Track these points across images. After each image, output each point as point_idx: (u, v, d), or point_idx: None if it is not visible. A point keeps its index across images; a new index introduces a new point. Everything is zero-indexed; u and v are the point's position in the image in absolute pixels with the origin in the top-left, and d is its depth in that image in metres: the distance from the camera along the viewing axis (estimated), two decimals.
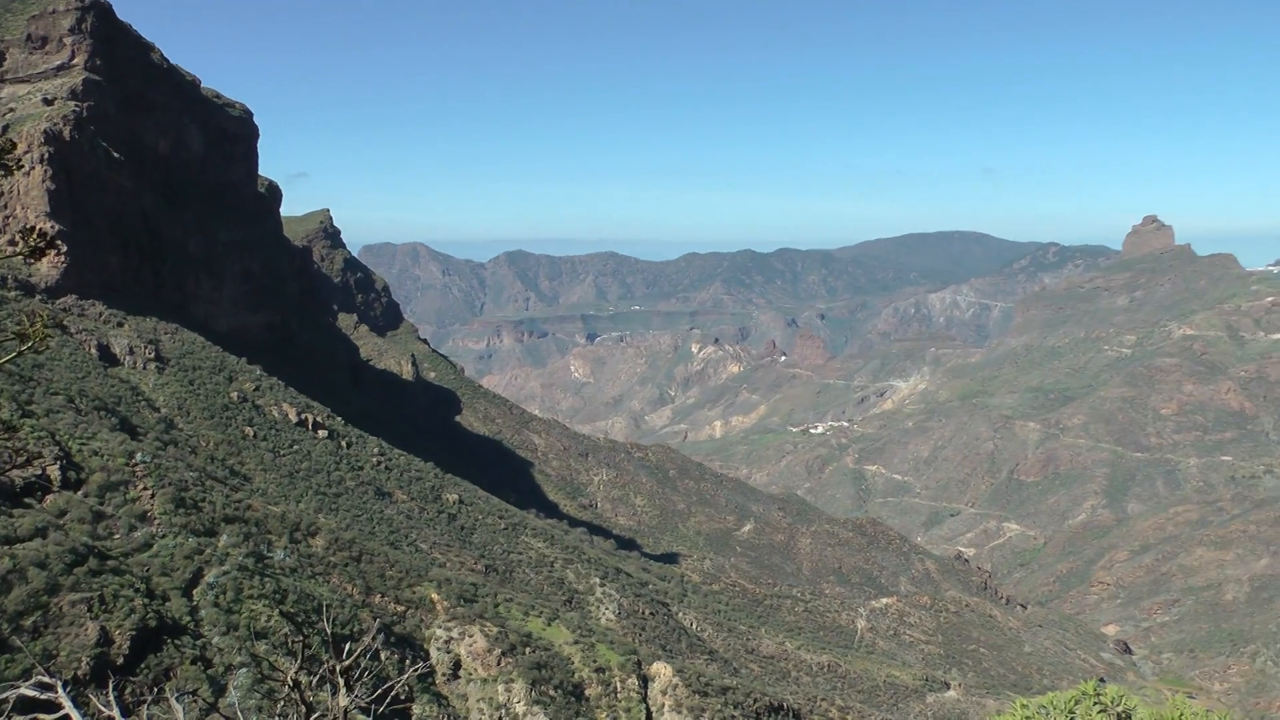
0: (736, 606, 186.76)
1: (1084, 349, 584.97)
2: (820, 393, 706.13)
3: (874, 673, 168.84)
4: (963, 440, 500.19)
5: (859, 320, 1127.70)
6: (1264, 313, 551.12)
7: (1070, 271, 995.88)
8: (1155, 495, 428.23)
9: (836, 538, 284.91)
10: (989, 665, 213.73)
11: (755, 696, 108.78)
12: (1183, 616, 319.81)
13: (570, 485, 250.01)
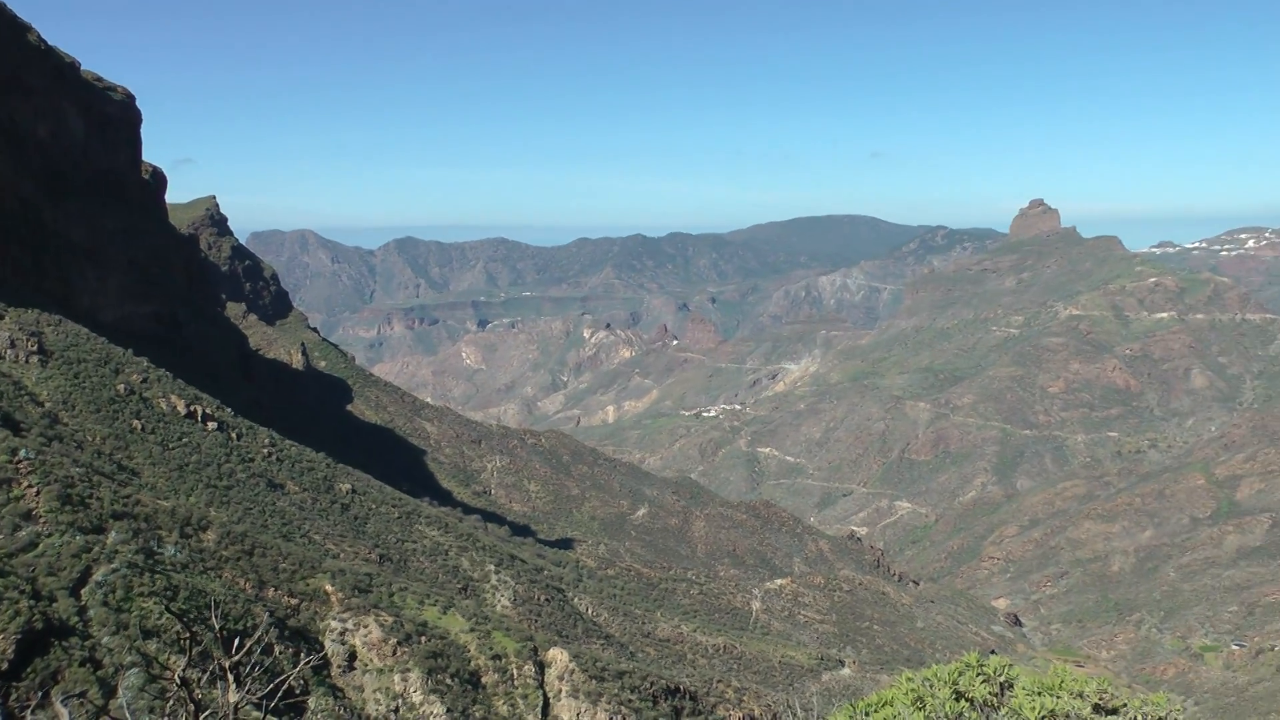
0: (632, 591, 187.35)
1: (973, 330, 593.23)
2: (712, 376, 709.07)
3: (769, 653, 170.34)
4: (854, 421, 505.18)
5: (750, 304, 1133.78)
6: (1147, 293, 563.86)
7: (959, 254, 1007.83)
8: (1044, 471, 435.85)
9: (730, 520, 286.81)
10: (883, 642, 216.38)
11: (652, 680, 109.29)
12: (1071, 588, 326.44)
13: (464, 472, 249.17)
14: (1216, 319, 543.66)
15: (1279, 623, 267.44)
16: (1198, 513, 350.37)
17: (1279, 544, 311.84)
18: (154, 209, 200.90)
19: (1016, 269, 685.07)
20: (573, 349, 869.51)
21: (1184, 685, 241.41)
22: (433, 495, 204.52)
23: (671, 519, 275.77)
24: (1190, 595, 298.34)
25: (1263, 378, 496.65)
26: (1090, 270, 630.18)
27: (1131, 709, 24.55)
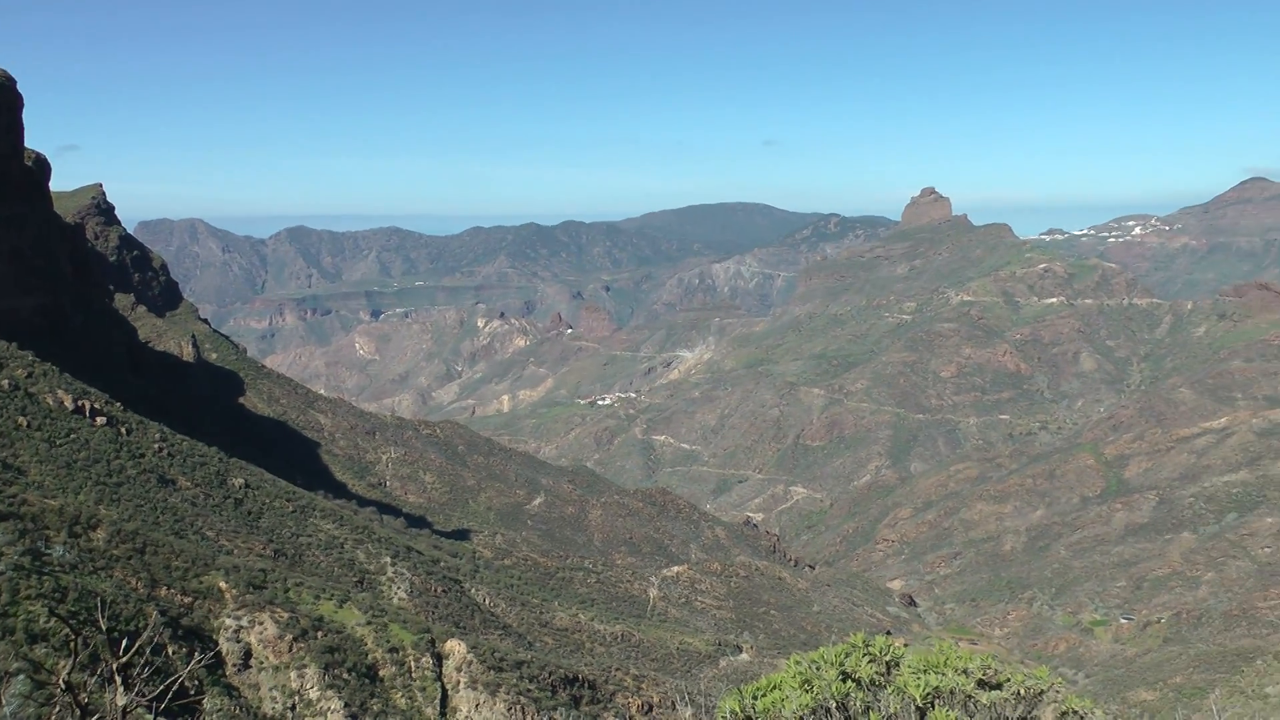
0: (529, 580, 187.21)
1: (866, 316, 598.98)
2: (607, 364, 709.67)
3: (667, 640, 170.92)
4: (749, 408, 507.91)
5: (644, 291, 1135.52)
6: (1037, 279, 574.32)
7: (851, 241, 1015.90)
8: (937, 454, 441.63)
9: (627, 508, 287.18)
10: (780, 626, 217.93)
11: (550, 669, 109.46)
12: (964, 568, 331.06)
13: (358, 464, 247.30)
14: (1104, 304, 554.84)
15: (1165, 596, 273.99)
16: (1087, 492, 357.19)
17: (1166, 520, 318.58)
18: (37, 197, 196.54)
19: (909, 256, 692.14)
20: (467, 338, 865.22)
21: (1074, 659, 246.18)
22: (327, 488, 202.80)
23: (568, 508, 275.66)
24: (1080, 572, 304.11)
25: (1149, 360, 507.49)
26: (981, 257, 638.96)
27: (1014, 683, 25.00)
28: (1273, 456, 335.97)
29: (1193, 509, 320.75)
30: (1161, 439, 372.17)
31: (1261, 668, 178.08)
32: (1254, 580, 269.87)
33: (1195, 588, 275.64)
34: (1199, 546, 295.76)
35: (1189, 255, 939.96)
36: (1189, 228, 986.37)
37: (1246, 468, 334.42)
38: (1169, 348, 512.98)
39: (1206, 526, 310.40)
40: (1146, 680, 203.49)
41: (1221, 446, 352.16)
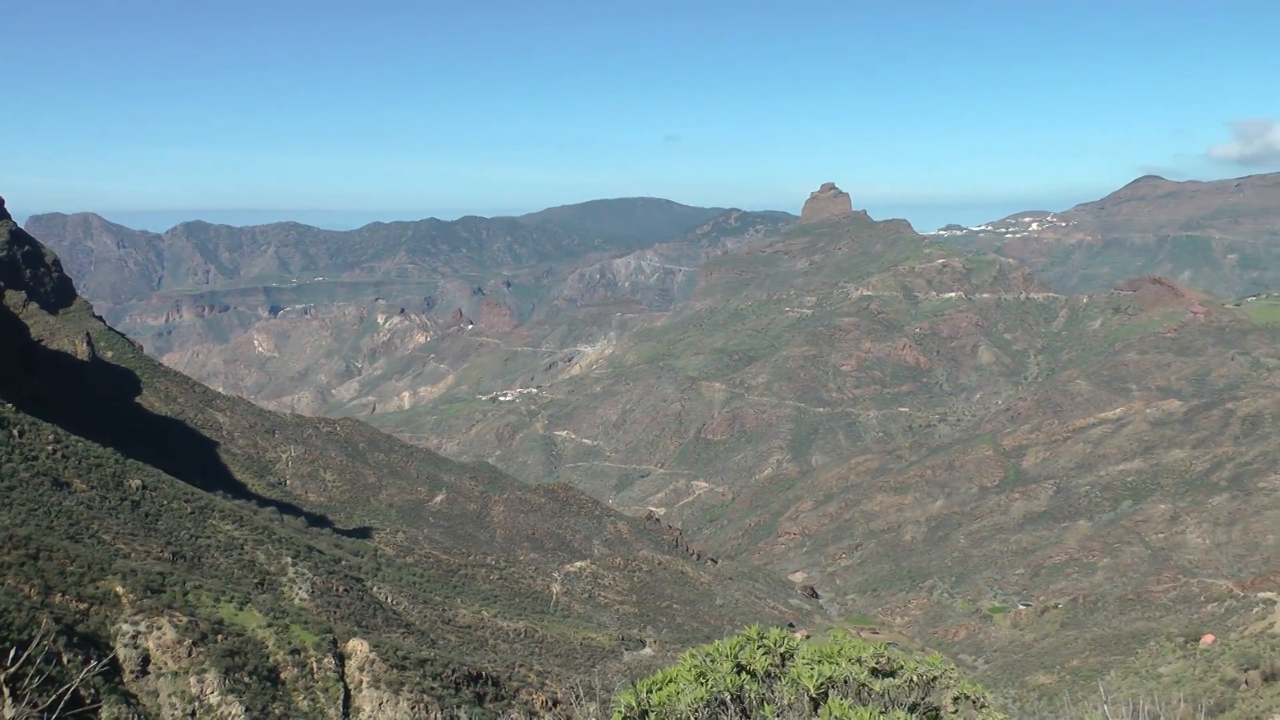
0: (431, 578, 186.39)
1: (766, 310, 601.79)
2: (508, 360, 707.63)
3: (570, 636, 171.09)
4: (650, 402, 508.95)
5: (545, 287, 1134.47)
6: (935, 274, 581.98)
7: (752, 236, 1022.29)
8: (837, 447, 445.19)
9: (529, 504, 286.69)
10: (683, 620, 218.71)
11: (454, 666, 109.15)
12: (866, 559, 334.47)
13: (258, 464, 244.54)
14: (1002, 298, 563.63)
15: (1063, 582, 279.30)
16: (986, 482, 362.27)
17: (1063, 509, 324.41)
18: None
19: (809, 251, 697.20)
20: (367, 335, 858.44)
21: (974, 645, 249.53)
22: (226, 488, 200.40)
23: (470, 504, 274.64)
24: (979, 560, 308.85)
25: (1045, 353, 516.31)
26: (881, 252, 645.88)
27: (907, 670, 25.27)
28: (1166, 445, 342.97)
29: (1089, 497, 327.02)
30: (1058, 429, 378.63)
31: (1155, 648, 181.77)
32: (1148, 565, 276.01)
33: (1091, 573, 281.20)
34: (1095, 534, 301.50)
35: (1084, 251, 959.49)
36: (1084, 224, 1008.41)
37: (1140, 456, 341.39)
38: (1065, 341, 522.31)
39: (1102, 514, 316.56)
40: (1044, 664, 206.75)
41: (1117, 436, 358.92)
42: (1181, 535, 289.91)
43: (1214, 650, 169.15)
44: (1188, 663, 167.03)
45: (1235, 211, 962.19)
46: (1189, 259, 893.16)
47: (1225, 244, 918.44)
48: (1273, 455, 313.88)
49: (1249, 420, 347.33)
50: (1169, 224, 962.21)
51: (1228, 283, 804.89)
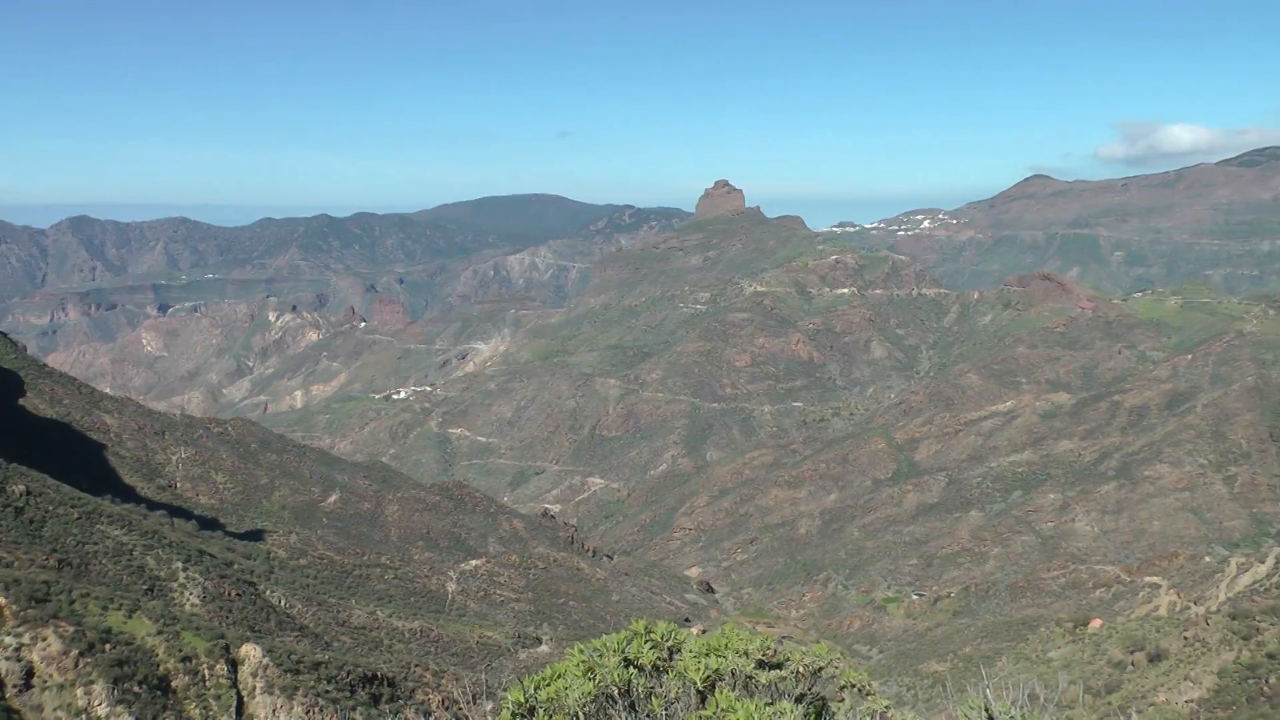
0: (325, 579, 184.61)
1: (660, 307, 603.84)
2: (401, 358, 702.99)
3: (467, 634, 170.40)
4: (545, 399, 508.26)
5: (438, 284, 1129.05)
6: (828, 270, 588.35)
7: (646, 233, 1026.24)
8: (732, 442, 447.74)
9: (424, 503, 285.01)
10: (579, 617, 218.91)
11: (349, 669, 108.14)
12: (761, 553, 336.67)
13: (147, 466, 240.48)
14: (894, 294, 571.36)
15: (955, 572, 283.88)
16: (879, 475, 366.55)
17: (955, 500, 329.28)
18: None
19: (703, 247, 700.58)
20: (258, 333, 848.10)
21: (869, 636, 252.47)
22: (114, 492, 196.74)
23: (364, 504, 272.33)
24: (873, 552, 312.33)
25: (937, 348, 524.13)
26: (774, 248, 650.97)
27: (794, 662, 25.43)
28: (1055, 437, 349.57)
29: (980, 488, 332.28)
30: (950, 422, 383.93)
31: (1045, 634, 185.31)
32: (1038, 553, 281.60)
33: (983, 562, 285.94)
34: (986, 524, 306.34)
35: (975, 248, 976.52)
36: (975, 221, 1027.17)
37: (1031, 448, 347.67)
38: (957, 336, 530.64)
39: (993, 504, 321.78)
40: (937, 652, 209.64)
41: (1007, 428, 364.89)
42: (1071, 524, 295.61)
43: (1102, 634, 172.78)
44: (1076, 647, 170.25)
45: (1122, 210, 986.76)
46: (1077, 256, 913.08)
47: (1112, 241, 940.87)
48: (1158, 445, 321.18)
49: (1135, 411, 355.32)
50: (1058, 222, 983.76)
51: (1115, 279, 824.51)
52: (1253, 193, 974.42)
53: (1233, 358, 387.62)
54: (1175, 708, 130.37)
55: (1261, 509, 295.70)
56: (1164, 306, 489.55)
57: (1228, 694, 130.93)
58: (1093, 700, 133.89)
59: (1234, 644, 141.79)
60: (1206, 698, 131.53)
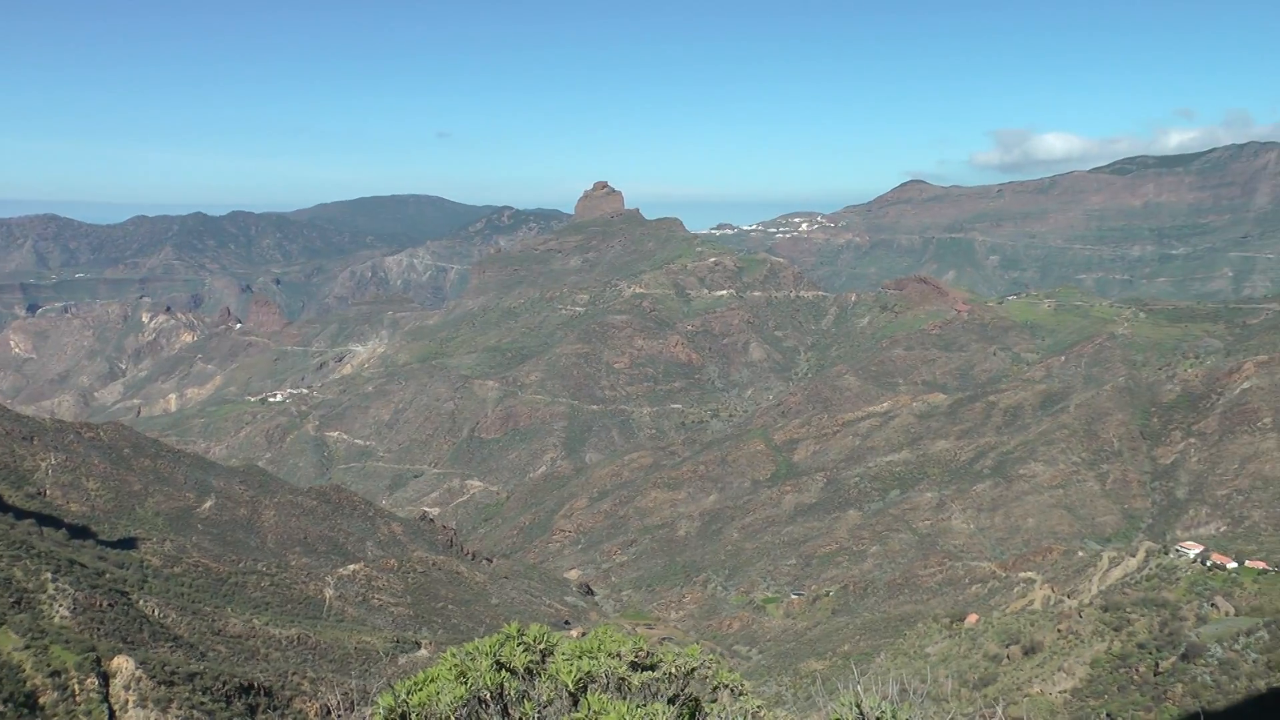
0: (200, 588, 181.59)
1: (539, 308, 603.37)
2: (278, 360, 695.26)
3: (345, 640, 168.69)
4: (423, 402, 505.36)
5: (316, 285, 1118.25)
6: (707, 272, 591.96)
7: (525, 234, 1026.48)
8: (611, 444, 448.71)
9: (300, 507, 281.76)
10: (458, 621, 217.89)
11: (224, 679, 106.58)
12: (640, 554, 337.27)
13: (14, 473, 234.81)
14: (772, 296, 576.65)
15: (834, 570, 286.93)
16: (758, 476, 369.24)
17: (833, 500, 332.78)
18: None
19: (582, 249, 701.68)
20: (131, 334, 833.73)
21: (749, 636, 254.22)
22: None
23: (240, 509, 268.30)
24: (753, 552, 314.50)
25: (815, 349, 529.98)
26: (653, 250, 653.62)
27: (667, 663, 25.45)
28: (931, 437, 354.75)
29: (858, 488, 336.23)
30: (828, 423, 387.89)
31: (922, 630, 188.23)
32: (915, 551, 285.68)
33: (861, 561, 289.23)
34: (864, 523, 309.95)
35: (853, 251, 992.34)
36: (853, 225, 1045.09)
37: (908, 448, 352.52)
38: (834, 337, 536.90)
39: (871, 504, 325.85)
40: (817, 651, 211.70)
41: (884, 429, 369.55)
42: (947, 521, 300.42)
43: (978, 628, 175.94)
44: (953, 642, 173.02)
45: (997, 215, 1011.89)
46: (953, 259, 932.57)
47: (987, 245, 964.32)
48: (1033, 444, 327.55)
49: (1010, 411, 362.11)
50: (934, 226, 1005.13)
51: (990, 282, 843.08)
52: (1124, 199, 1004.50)
53: (1105, 359, 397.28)
54: (1049, 698, 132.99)
55: (1132, 504, 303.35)
56: (1038, 309, 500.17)
57: (1100, 683, 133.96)
58: (969, 693, 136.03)
59: (1106, 635, 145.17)
60: (1079, 687, 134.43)
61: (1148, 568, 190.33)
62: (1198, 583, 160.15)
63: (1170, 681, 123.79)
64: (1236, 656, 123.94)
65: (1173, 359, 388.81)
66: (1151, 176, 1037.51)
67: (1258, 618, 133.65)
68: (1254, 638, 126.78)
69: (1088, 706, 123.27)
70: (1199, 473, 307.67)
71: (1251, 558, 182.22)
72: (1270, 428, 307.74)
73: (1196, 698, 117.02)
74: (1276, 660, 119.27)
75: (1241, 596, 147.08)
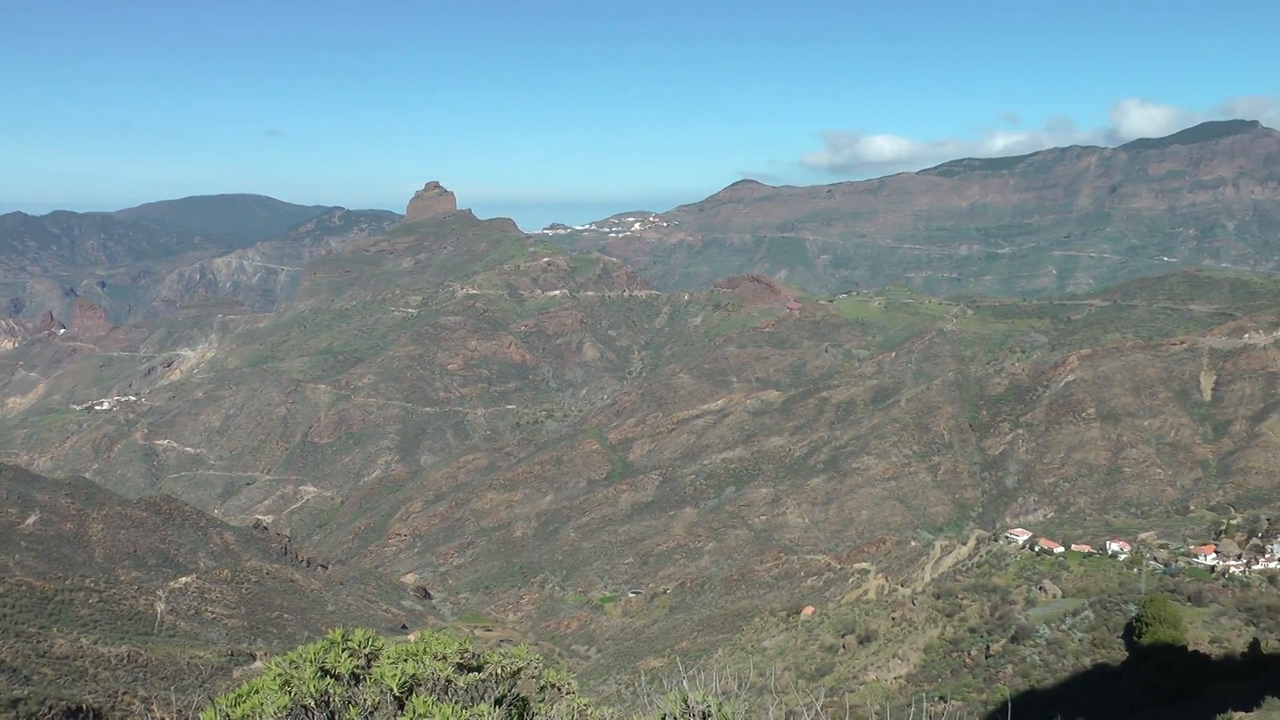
0: (23, 607, 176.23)
1: (371, 310, 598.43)
2: (104, 366, 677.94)
3: (177, 656, 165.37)
4: (255, 407, 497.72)
5: (143, 287, 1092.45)
6: (540, 272, 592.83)
7: (356, 235, 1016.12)
8: (446, 446, 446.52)
9: (130, 519, 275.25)
10: (294, 630, 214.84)
11: (50, 703, 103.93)
12: (477, 557, 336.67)
13: None
14: (606, 295, 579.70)
15: (671, 568, 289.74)
16: (594, 475, 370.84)
17: (669, 498, 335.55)
18: None
19: (414, 250, 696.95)
20: None
21: (587, 635, 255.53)
22: None
23: (66, 524, 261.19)
24: (590, 552, 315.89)
25: (649, 348, 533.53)
26: (486, 251, 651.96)
27: (492, 664, 25.48)
28: (765, 433, 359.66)
29: (694, 485, 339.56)
30: (663, 422, 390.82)
31: (759, 624, 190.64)
32: (751, 546, 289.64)
33: (698, 558, 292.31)
34: (700, 520, 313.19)
35: (686, 250, 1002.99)
36: (686, 224, 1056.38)
37: (742, 444, 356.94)
38: (668, 336, 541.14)
39: (707, 501, 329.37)
40: (655, 648, 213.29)
41: (719, 426, 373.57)
42: (782, 516, 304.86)
43: (814, 620, 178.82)
44: (790, 634, 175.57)
45: (827, 215, 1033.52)
46: (785, 258, 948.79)
47: (818, 245, 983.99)
48: (865, 438, 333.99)
49: (842, 407, 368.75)
50: (766, 225, 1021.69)
51: (821, 281, 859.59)
52: (951, 200, 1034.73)
53: (934, 354, 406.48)
54: (884, 685, 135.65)
55: (963, 494, 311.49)
56: (869, 307, 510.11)
57: (933, 668, 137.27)
58: (806, 684, 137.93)
59: (939, 621, 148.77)
60: (914, 673, 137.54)
61: (978, 555, 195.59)
62: (1026, 567, 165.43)
63: (1001, 663, 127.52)
64: (1063, 636, 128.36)
65: (1000, 354, 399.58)
66: (978, 178, 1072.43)
67: (1083, 598, 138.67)
68: (1080, 618, 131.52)
69: (922, 691, 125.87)
70: (1026, 462, 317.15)
71: (1077, 542, 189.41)
72: (1094, 418, 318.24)
73: (1026, 677, 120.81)
74: (1101, 638, 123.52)
75: (1068, 579, 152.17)
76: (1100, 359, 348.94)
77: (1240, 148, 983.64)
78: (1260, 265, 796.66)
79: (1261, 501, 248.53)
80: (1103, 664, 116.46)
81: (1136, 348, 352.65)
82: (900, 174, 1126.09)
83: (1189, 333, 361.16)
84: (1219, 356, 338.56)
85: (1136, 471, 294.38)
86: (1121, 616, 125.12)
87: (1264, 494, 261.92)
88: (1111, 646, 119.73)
